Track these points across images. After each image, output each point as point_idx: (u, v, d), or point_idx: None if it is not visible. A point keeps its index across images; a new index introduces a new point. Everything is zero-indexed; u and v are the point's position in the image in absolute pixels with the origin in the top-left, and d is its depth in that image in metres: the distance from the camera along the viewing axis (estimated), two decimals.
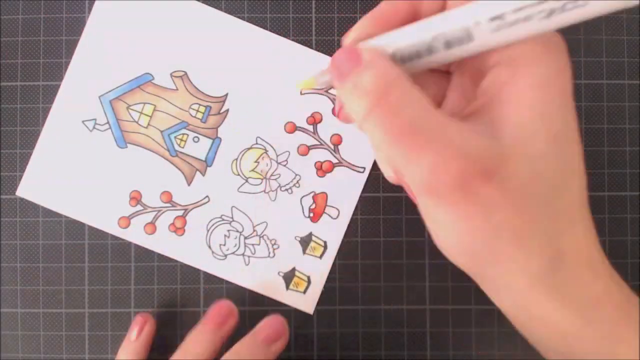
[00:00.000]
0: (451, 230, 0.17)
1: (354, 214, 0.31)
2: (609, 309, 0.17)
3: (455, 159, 0.15)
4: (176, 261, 0.31)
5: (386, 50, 0.17)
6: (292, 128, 0.31)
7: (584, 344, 0.17)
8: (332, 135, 0.31)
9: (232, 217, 0.31)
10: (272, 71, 0.31)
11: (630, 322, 0.17)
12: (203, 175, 0.31)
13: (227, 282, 0.31)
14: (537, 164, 0.16)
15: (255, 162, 0.31)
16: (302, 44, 0.31)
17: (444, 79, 0.20)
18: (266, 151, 0.31)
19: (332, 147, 0.31)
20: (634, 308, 0.17)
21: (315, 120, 0.31)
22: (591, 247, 0.17)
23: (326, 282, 0.31)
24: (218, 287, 0.31)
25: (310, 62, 0.31)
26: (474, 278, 0.19)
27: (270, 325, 0.28)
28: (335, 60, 0.18)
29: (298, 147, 0.31)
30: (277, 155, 0.31)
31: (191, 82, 0.31)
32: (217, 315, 0.28)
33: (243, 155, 0.31)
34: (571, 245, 0.16)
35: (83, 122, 0.31)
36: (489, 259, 0.17)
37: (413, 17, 0.18)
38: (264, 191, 0.31)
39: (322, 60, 0.31)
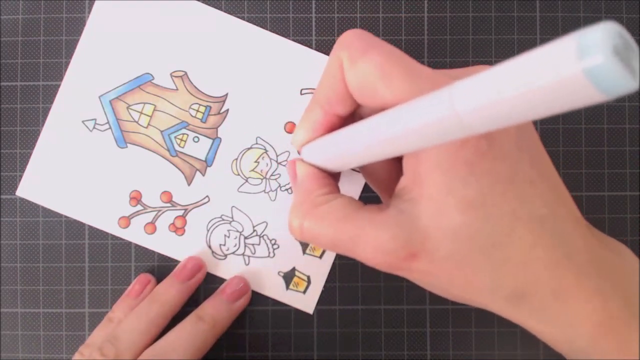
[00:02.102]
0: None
1: None
2: (586, 329, 0.17)
3: (377, 254, 0.18)
4: (176, 261, 0.31)
5: (316, 160, 0.22)
6: (292, 128, 0.31)
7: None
8: None
9: (232, 217, 0.31)
10: (272, 71, 0.31)
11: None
12: (203, 175, 0.31)
13: None
14: (458, 233, 0.17)
15: (255, 162, 0.31)
16: (302, 44, 0.31)
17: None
18: (266, 151, 0.31)
19: None
20: (629, 317, 0.17)
21: None
22: (559, 279, 0.17)
23: (326, 282, 0.31)
24: (218, 287, 0.31)
25: (310, 62, 0.31)
26: None
27: (233, 284, 0.30)
28: (287, 168, 0.23)
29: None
30: (277, 155, 0.31)
31: (191, 82, 0.31)
32: (185, 269, 0.30)
33: (243, 155, 0.31)
34: (531, 282, 0.17)
35: (83, 122, 0.31)
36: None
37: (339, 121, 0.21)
38: (264, 191, 0.31)
39: (322, 60, 0.31)
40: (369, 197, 0.31)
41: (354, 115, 0.21)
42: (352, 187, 0.31)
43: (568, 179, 0.31)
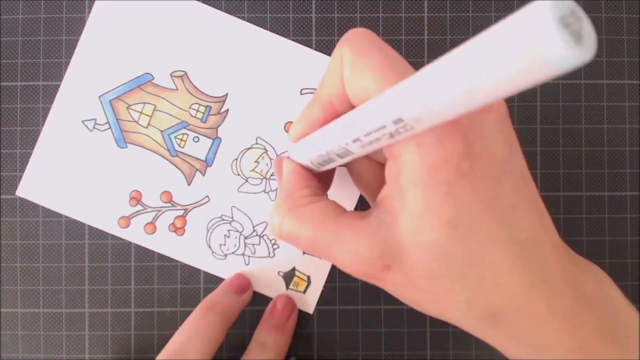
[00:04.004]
0: None
1: None
2: (558, 354, 0.17)
3: (354, 262, 0.18)
4: (176, 261, 0.31)
5: (304, 159, 0.22)
6: None
7: None
8: None
9: (232, 217, 0.31)
10: (272, 71, 0.31)
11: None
12: (203, 175, 0.31)
13: None
14: (435, 250, 0.16)
15: (255, 162, 0.31)
16: (302, 44, 0.31)
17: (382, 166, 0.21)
18: (266, 151, 0.31)
19: None
20: (600, 342, 0.17)
21: None
22: (533, 303, 0.17)
23: (326, 282, 0.31)
24: (217, 287, 0.31)
25: (310, 62, 0.31)
26: None
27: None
28: (273, 165, 0.23)
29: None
30: (277, 155, 0.31)
31: (191, 82, 0.31)
32: (238, 282, 0.30)
33: (243, 155, 0.31)
34: (505, 304, 0.17)
35: (83, 122, 0.31)
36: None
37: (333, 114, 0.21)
38: (264, 191, 0.31)
39: (322, 60, 0.31)
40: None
41: None
42: (352, 187, 0.31)
43: (568, 179, 0.31)
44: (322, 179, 0.23)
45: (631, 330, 0.18)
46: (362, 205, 0.31)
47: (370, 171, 0.22)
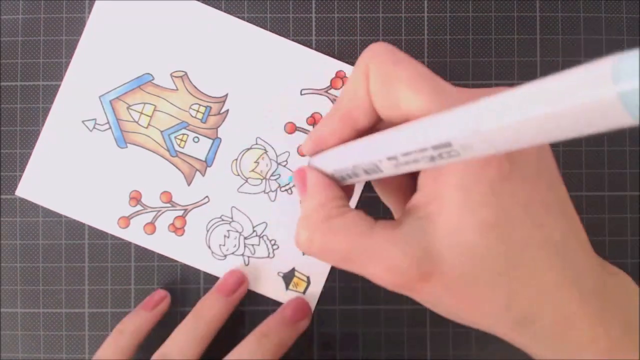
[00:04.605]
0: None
1: None
2: (589, 355, 0.17)
3: (389, 274, 0.17)
4: (176, 261, 0.31)
5: (327, 170, 0.21)
6: (292, 128, 0.31)
7: None
8: None
9: (231, 218, 0.31)
10: (272, 71, 0.31)
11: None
12: (203, 175, 0.31)
13: None
14: (474, 253, 0.16)
15: (255, 162, 0.31)
16: (302, 44, 0.31)
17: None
18: (266, 151, 0.31)
19: None
20: (629, 344, 0.17)
21: (315, 120, 0.31)
22: (566, 305, 0.17)
23: (326, 282, 0.31)
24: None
25: (310, 62, 0.31)
26: None
27: (296, 305, 0.30)
28: (295, 176, 0.22)
29: (298, 148, 0.31)
30: (277, 156, 0.31)
31: (191, 82, 0.31)
32: (228, 284, 0.30)
33: (243, 155, 0.31)
34: (541, 306, 0.17)
35: (83, 122, 0.31)
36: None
37: (353, 128, 0.20)
38: (264, 192, 0.31)
39: (322, 60, 0.31)
40: (369, 197, 0.31)
41: (372, 130, 0.21)
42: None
43: (568, 179, 0.31)
44: (345, 188, 0.22)
45: None
46: (363, 205, 0.31)
47: (397, 177, 0.21)
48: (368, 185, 0.31)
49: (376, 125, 0.20)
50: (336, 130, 0.20)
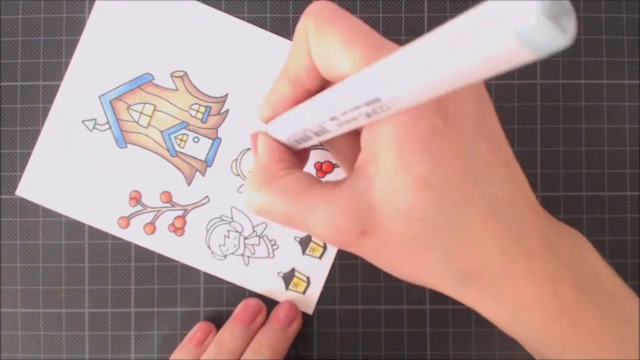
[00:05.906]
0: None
1: None
2: (537, 314, 0.17)
3: (329, 232, 0.18)
4: (176, 261, 0.31)
5: (282, 135, 0.21)
6: None
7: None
8: None
9: (231, 218, 0.31)
10: (272, 71, 0.31)
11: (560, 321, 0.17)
12: (203, 175, 0.31)
13: (227, 282, 0.31)
14: (410, 212, 0.16)
15: None
16: None
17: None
18: None
19: None
20: (581, 301, 0.17)
21: None
22: (510, 263, 0.17)
23: (326, 282, 0.31)
24: (218, 287, 0.31)
25: None
26: None
27: (282, 310, 0.30)
28: (250, 140, 0.23)
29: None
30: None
31: (191, 82, 0.31)
32: (248, 313, 0.30)
33: (243, 155, 0.31)
34: (481, 265, 0.17)
35: (83, 122, 0.31)
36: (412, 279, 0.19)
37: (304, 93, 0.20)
38: None
39: None
40: None
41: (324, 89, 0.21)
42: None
43: (568, 179, 0.31)
44: (298, 155, 0.23)
45: (610, 291, 0.18)
46: None
47: (348, 143, 0.21)
48: None
49: (326, 84, 0.20)
50: (287, 93, 0.20)
